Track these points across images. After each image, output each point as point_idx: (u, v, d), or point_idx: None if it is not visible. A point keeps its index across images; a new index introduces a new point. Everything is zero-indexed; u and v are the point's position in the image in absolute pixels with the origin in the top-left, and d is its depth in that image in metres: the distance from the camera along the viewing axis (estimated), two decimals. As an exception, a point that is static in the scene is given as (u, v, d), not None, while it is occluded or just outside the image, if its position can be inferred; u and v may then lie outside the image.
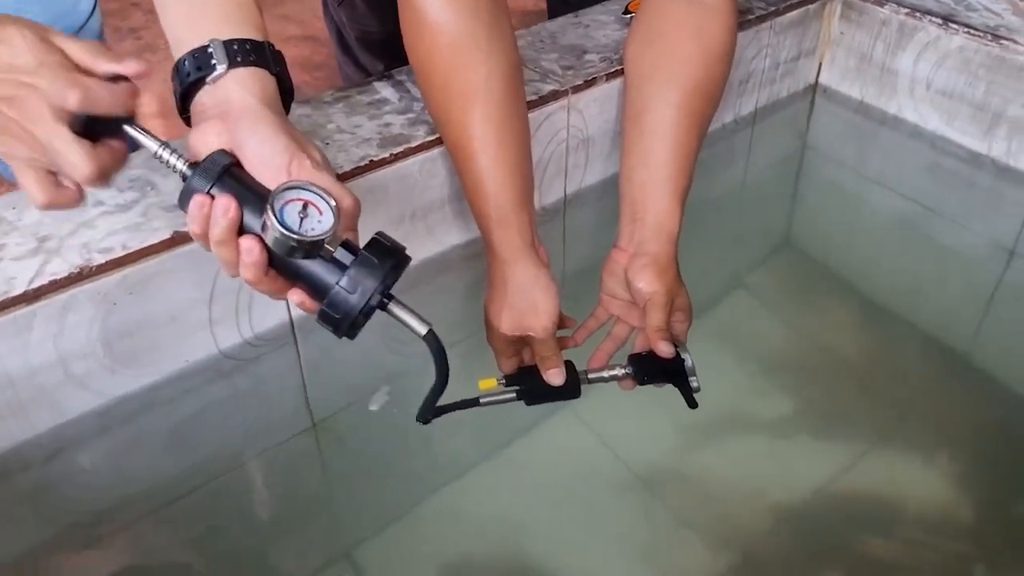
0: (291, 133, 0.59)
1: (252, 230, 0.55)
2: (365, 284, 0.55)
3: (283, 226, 0.53)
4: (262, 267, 0.56)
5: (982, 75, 1.10)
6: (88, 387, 0.74)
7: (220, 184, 0.55)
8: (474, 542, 0.76)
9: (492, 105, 0.76)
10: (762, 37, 1.14)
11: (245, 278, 0.56)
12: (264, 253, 0.55)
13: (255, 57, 0.60)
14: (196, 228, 0.56)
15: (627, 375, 0.74)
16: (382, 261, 0.56)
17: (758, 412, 0.87)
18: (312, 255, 0.55)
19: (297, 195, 0.54)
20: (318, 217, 0.54)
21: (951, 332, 0.97)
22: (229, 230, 0.55)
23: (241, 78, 0.59)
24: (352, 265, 0.55)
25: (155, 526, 0.75)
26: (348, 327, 0.56)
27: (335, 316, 0.55)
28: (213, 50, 0.59)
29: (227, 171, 0.55)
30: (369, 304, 0.55)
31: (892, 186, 1.17)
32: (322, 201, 0.55)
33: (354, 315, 0.55)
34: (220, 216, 0.54)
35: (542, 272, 0.74)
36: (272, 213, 0.53)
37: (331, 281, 0.55)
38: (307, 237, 0.54)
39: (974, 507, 0.80)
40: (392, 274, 0.56)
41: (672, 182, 0.79)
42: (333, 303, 0.55)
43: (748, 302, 1.02)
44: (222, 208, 0.54)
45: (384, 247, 0.57)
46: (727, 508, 0.78)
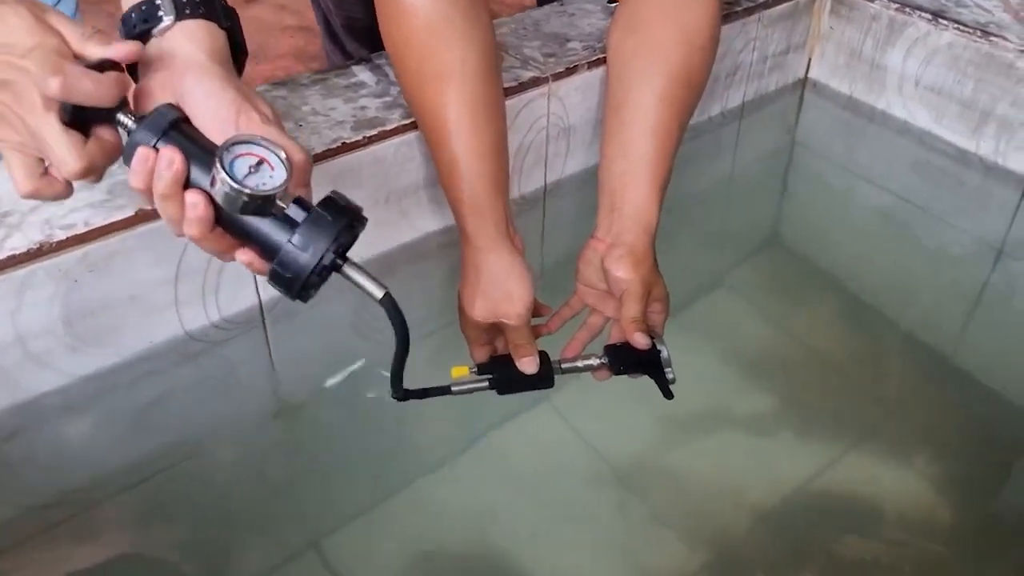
0: (239, 87, 0.57)
1: (199, 186, 0.53)
2: (317, 242, 0.53)
3: (233, 180, 0.51)
4: (208, 223, 0.54)
5: (971, 72, 1.09)
6: (48, 365, 0.73)
7: (166, 138, 0.53)
8: (446, 535, 0.75)
9: (467, 89, 0.75)
10: (750, 29, 1.13)
11: (190, 235, 0.54)
12: (211, 208, 0.53)
13: (204, 10, 0.58)
14: (138, 183, 0.54)
15: (602, 365, 0.74)
16: (336, 219, 0.54)
17: (739, 409, 0.86)
18: (263, 212, 0.53)
19: (247, 149, 0.52)
20: (269, 172, 0.52)
21: (936, 332, 0.96)
22: (173, 183, 0.53)
23: (189, 31, 0.58)
24: (304, 222, 0.53)
25: (116, 510, 0.74)
26: (300, 288, 0.54)
27: (286, 275, 0.53)
28: (160, 2, 0.57)
29: (174, 125, 0.53)
30: (321, 263, 0.53)
31: (880, 183, 1.17)
32: (273, 156, 0.53)
33: (305, 274, 0.53)
34: (164, 169, 0.52)
35: (516, 260, 0.73)
36: (221, 166, 0.51)
37: (282, 239, 0.53)
38: (258, 192, 0.52)
39: (954, 508, 0.79)
40: (346, 232, 0.54)
41: (651, 172, 0.79)
42: (283, 262, 0.53)
43: (732, 298, 1.01)
44: (166, 160, 0.52)
45: (338, 205, 0.55)
46: (705, 505, 0.78)
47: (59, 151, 0.52)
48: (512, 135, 0.91)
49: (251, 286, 0.82)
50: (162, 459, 0.77)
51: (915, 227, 1.11)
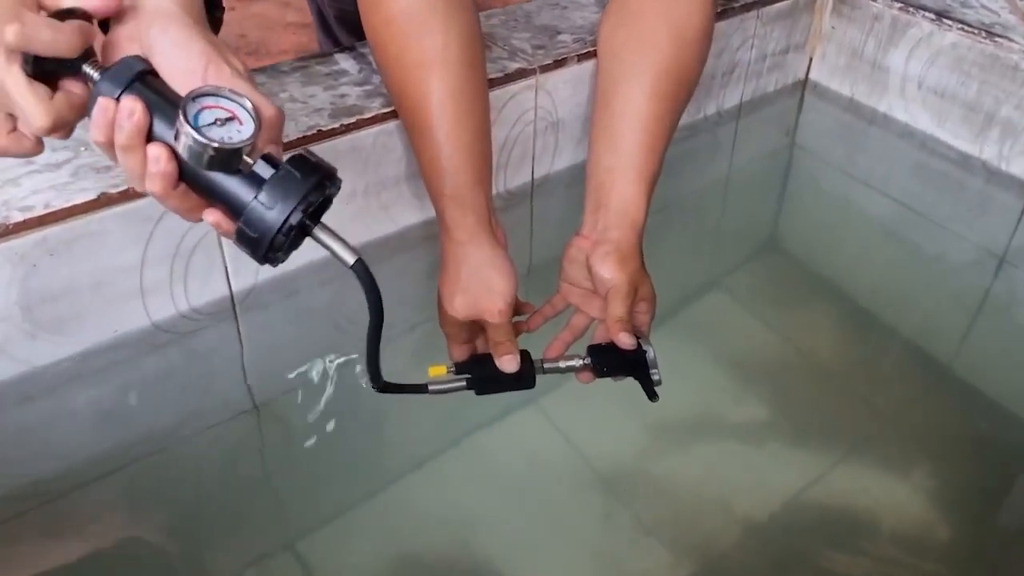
0: (209, 38, 0.55)
1: (163, 140, 0.51)
2: (285, 200, 0.50)
3: (197, 131, 0.49)
4: (171, 178, 0.51)
5: (975, 74, 1.08)
6: (6, 353, 0.71)
7: (130, 90, 0.51)
8: (427, 538, 0.74)
9: (449, 77, 0.74)
10: (748, 26, 1.12)
11: (152, 191, 0.52)
12: (174, 162, 0.51)
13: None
14: (99, 135, 0.51)
15: (585, 366, 0.72)
16: (305, 176, 0.51)
17: (730, 416, 0.85)
18: (229, 168, 0.51)
19: (214, 102, 0.50)
20: (237, 126, 0.50)
21: (935, 340, 0.95)
22: (135, 135, 0.51)
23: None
24: (271, 179, 0.51)
25: (78, 505, 0.72)
26: (267, 248, 0.51)
27: (252, 235, 0.51)
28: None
29: (139, 77, 0.51)
30: (288, 222, 0.51)
31: (880, 188, 1.16)
32: (241, 110, 0.51)
33: (272, 233, 0.50)
34: (125, 119, 0.50)
35: (498, 252, 0.72)
36: (185, 118, 0.49)
37: (248, 197, 0.51)
38: (224, 145, 0.49)
39: (950, 523, 0.77)
40: (316, 191, 0.52)
41: (639, 168, 0.77)
42: (249, 220, 0.51)
43: (726, 302, 1.00)
44: (127, 111, 0.50)
45: (309, 163, 0.52)
46: (692, 514, 0.76)
47: (24, 105, 0.50)
48: (498, 128, 0.89)
49: (222, 275, 0.81)
50: (127, 454, 0.75)
51: (915, 233, 1.09)
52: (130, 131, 0.50)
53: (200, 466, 0.78)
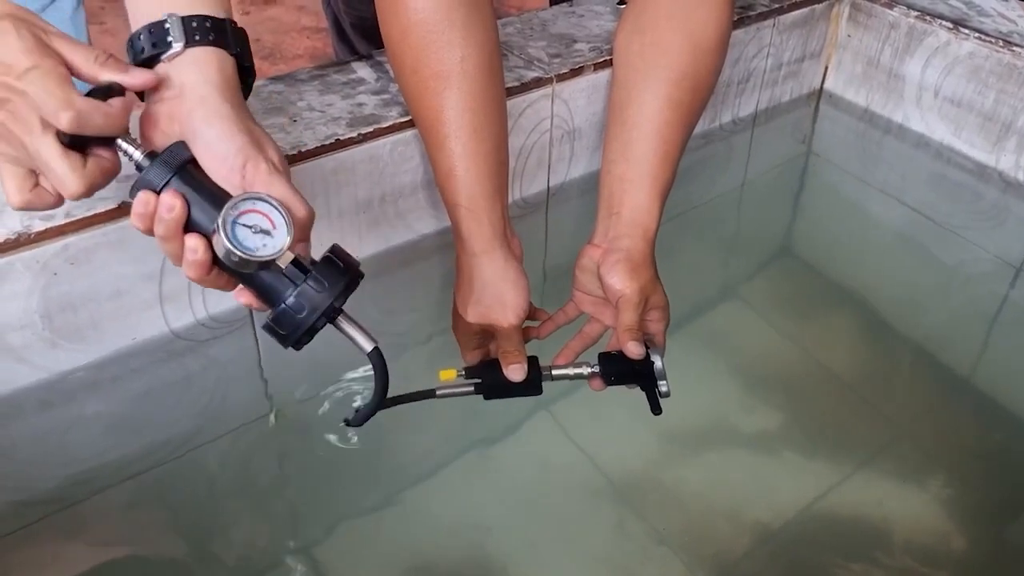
0: (248, 130, 0.57)
1: (201, 229, 0.54)
2: (313, 304, 0.55)
3: (234, 244, 0.52)
4: (206, 267, 0.55)
5: (992, 83, 1.07)
6: (27, 360, 0.72)
7: (175, 180, 0.54)
8: (439, 546, 0.74)
9: (467, 89, 0.74)
10: (764, 35, 1.11)
11: (188, 275, 0.55)
12: (209, 253, 0.54)
13: (214, 36, 0.57)
14: (139, 224, 0.55)
15: (594, 374, 0.72)
16: (332, 283, 0.55)
17: (744, 425, 0.84)
18: (262, 269, 0.55)
19: (251, 206, 0.54)
20: (271, 231, 0.54)
21: (951, 351, 0.94)
22: (173, 228, 0.54)
23: (198, 59, 0.57)
24: (302, 284, 0.55)
25: (96, 510, 0.73)
26: (293, 344, 0.56)
27: (281, 332, 0.55)
28: (170, 26, 0.56)
29: (182, 167, 0.54)
30: (315, 326, 0.55)
31: (896, 197, 1.15)
32: (277, 214, 0.54)
33: (299, 334, 0.55)
34: (164, 214, 0.53)
35: (512, 265, 0.72)
36: (223, 228, 0.52)
37: (279, 295, 0.55)
38: (257, 257, 0.53)
39: (965, 535, 0.77)
40: (342, 296, 0.56)
41: (652, 177, 0.77)
42: (279, 320, 0.55)
43: (741, 310, 0.99)
44: (167, 207, 0.53)
45: (336, 267, 0.56)
46: (705, 524, 0.76)
47: (59, 172, 0.52)
48: (514, 137, 0.90)
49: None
50: (144, 460, 0.75)
51: (931, 243, 1.08)
52: (168, 225, 0.54)
53: (217, 472, 0.78)
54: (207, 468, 0.78)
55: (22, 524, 0.70)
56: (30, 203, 0.55)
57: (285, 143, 0.78)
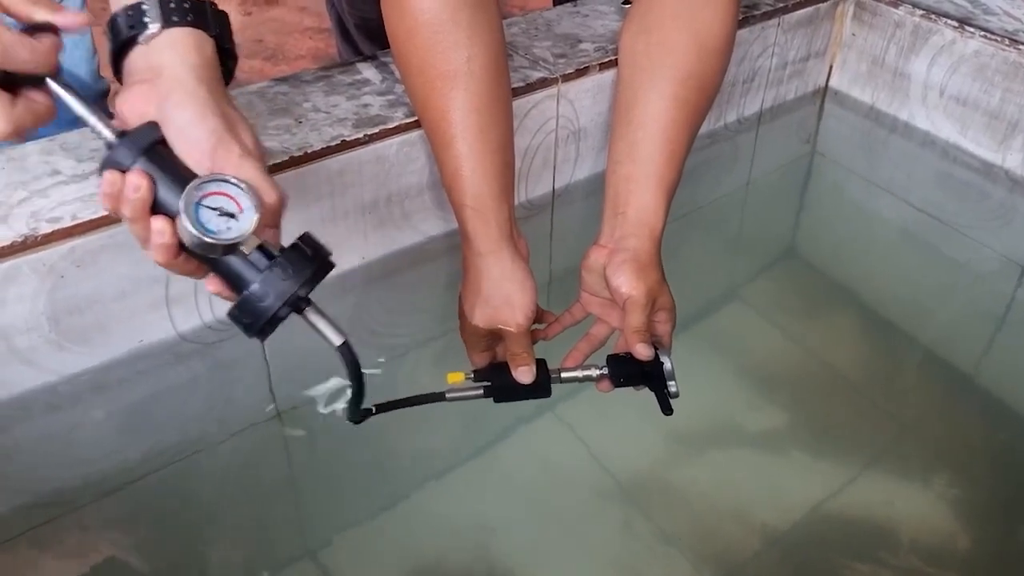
0: (222, 113, 0.55)
1: (169, 211, 0.53)
2: (277, 292, 0.53)
3: (196, 226, 0.51)
4: (172, 250, 0.53)
5: (998, 82, 1.06)
6: (33, 363, 0.72)
7: (143, 160, 0.52)
8: (446, 547, 0.74)
9: (473, 89, 0.74)
10: (768, 34, 1.11)
11: (155, 259, 0.54)
12: (176, 236, 0.53)
13: (193, 17, 0.57)
14: (107, 204, 0.53)
15: (602, 376, 0.72)
16: (298, 270, 0.53)
17: (750, 426, 0.84)
18: (227, 253, 0.53)
19: (217, 188, 0.52)
20: (237, 214, 0.52)
21: (957, 350, 0.94)
22: (139, 208, 0.52)
23: (175, 40, 0.56)
24: (266, 270, 0.53)
25: (102, 513, 0.72)
26: (257, 332, 0.54)
27: (243, 319, 0.54)
28: (147, 7, 0.55)
29: (152, 147, 0.53)
30: (278, 315, 0.54)
31: (901, 196, 1.15)
32: (244, 197, 0.53)
33: (261, 323, 0.54)
34: (130, 193, 0.52)
35: (519, 266, 0.72)
36: (184, 210, 0.51)
37: (244, 282, 0.53)
38: (220, 240, 0.52)
39: (972, 535, 0.77)
40: (307, 285, 0.54)
41: (658, 176, 0.76)
42: (242, 307, 0.53)
43: (746, 311, 0.99)
44: (132, 186, 0.52)
45: (304, 254, 0.54)
46: (712, 525, 0.76)
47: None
48: (519, 137, 0.89)
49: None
50: (151, 462, 0.75)
51: (937, 242, 1.08)
52: (135, 205, 0.52)
53: (223, 474, 0.78)
54: (213, 471, 0.78)
55: (29, 526, 0.70)
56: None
57: (291, 144, 0.78)
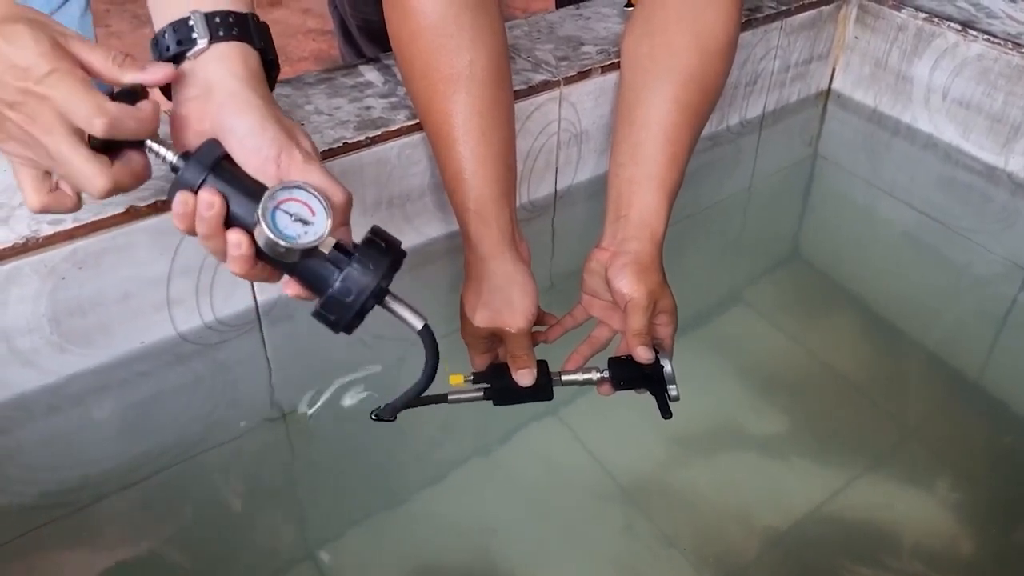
0: (279, 120, 0.57)
1: (242, 223, 0.54)
2: (360, 286, 0.54)
3: (275, 232, 0.52)
4: (250, 260, 0.55)
5: (1001, 85, 1.06)
6: (34, 364, 0.72)
7: (211, 178, 0.54)
8: (446, 548, 0.74)
9: (476, 93, 0.73)
10: (771, 37, 1.11)
11: (234, 271, 0.55)
12: (252, 247, 0.54)
13: (238, 31, 0.57)
14: (180, 225, 0.54)
15: (603, 379, 0.71)
16: (377, 263, 0.55)
17: (752, 428, 0.84)
18: (305, 256, 0.55)
19: (289, 195, 0.53)
20: (311, 219, 0.54)
21: (960, 354, 0.94)
22: (215, 226, 0.54)
23: (223, 54, 0.57)
24: (347, 267, 0.55)
25: (103, 514, 0.72)
26: (344, 328, 0.56)
27: (330, 317, 0.55)
28: (194, 23, 0.56)
29: (218, 163, 0.54)
30: (364, 307, 0.55)
31: (904, 199, 1.14)
32: (315, 201, 0.54)
33: (349, 318, 0.55)
34: (204, 212, 0.53)
35: (520, 268, 0.72)
36: (263, 218, 0.52)
37: (325, 281, 0.55)
38: (299, 245, 0.53)
39: (975, 538, 0.76)
40: (387, 276, 0.56)
41: (660, 179, 0.76)
42: (327, 306, 0.55)
43: (748, 313, 0.99)
44: (206, 204, 0.53)
45: (379, 246, 0.56)
46: (713, 527, 0.76)
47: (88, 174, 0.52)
48: (522, 139, 0.89)
49: (247, 287, 0.81)
50: (152, 464, 0.75)
51: (939, 245, 1.08)
52: (209, 222, 0.53)
53: (225, 475, 0.78)
54: (215, 472, 0.78)
55: (29, 528, 0.70)
56: (48, 206, 0.55)
57: (293, 146, 0.78)
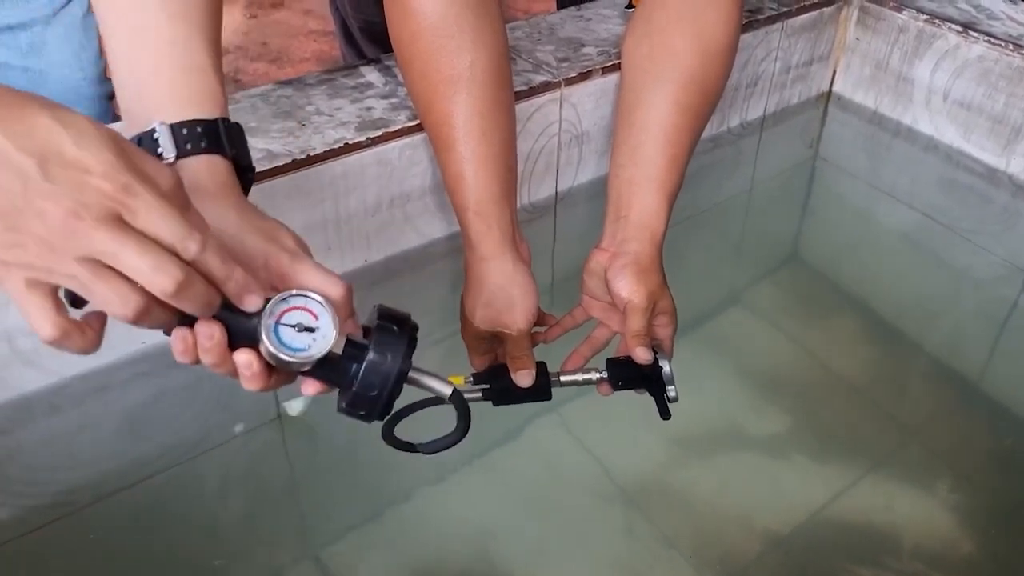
0: (257, 228, 0.53)
1: (245, 341, 0.50)
2: (382, 377, 0.52)
3: (281, 349, 0.49)
4: (264, 377, 0.51)
5: (1002, 86, 1.06)
6: (36, 364, 0.72)
7: None
8: (447, 549, 0.74)
9: (476, 93, 0.73)
10: (772, 39, 1.11)
11: (250, 389, 0.52)
12: (262, 363, 0.51)
13: (207, 143, 0.55)
14: (185, 360, 0.50)
15: (602, 379, 0.71)
16: (394, 350, 0.52)
17: (753, 430, 0.84)
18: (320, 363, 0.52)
19: (287, 305, 0.50)
20: (315, 323, 0.51)
21: (960, 355, 0.94)
22: (219, 354, 0.50)
23: (192, 170, 0.54)
24: (365, 362, 0.52)
25: (104, 515, 0.72)
26: (377, 417, 0.54)
27: (360, 413, 0.53)
28: (159, 136, 0.54)
29: None
30: (392, 395, 0.53)
31: (905, 201, 1.14)
32: (314, 304, 0.51)
33: (379, 409, 0.53)
34: (206, 343, 0.49)
35: (520, 269, 0.72)
36: (267, 339, 0.49)
37: (345, 378, 0.52)
38: (310, 357, 0.50)
39: (975, 540, 0.76)
40: (406, 359, 0.53)
41: (660, 180, 0.76)
42: (355, 403, 0.53)
43: (748, 315, 0.99)
44: (205, 335, 0.49)
45: (391, 330, 0.53)
46: (713, 528, 0.76)
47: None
48: (522, 141, 0.89)
49: (248, 289, 0.81)
50: (153, 464, 0.75)
51: (940, 247, 1.08)
52: (214, 351, 0.50)
53: (225, 476, 0.78)
54: (215, 472, 0.78)
55: (30, 528, 0.70)
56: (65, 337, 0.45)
57: (294, 147, 0.78)
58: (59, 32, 0.96)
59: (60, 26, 0.96)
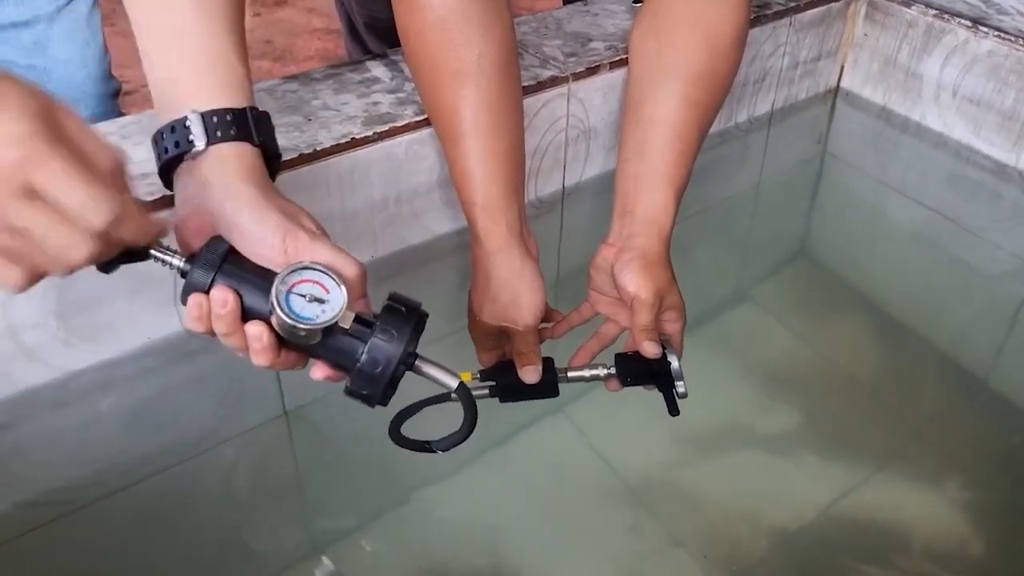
0: (279, 207, 0.55)
1: (260, 314, 0.52)
2: (387, 356, 0.53)
3: (291, 316, 0.51)
4: (274, 350, 0.53)
5: (1012, 82, 1.06)
6: (41, 360, 0.72)
7: (220, 275, 0.52)
8: (454, 547, 0.74)
9: (485, 87, 0.73)
10: (780, 34, 1.10)
11: (258, 363, 0.54)
12: (273, 336, 0.53)
13: (236, 130, 0.56)
14: (198, 327, 0.53)
15: (609, 375, 0.71)
16: (400, 329, 0.54)
17: (760, 427, 0.84)
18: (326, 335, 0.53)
19: (300, 276, 0.52)
20: (325, 296, 0.52)
21: (970, 352, 0.94)
22: (232, 323, 0.52)
23: (222, 156, 0.56)
24: (370, 339, 0.53)
25: (110, 511, 0.72)
26: (379, 399, 0.55)
27: (363, 392, 0.54)
28: (191, 124, 0.55)
29: (225, 259, 0.53)
30: (395, 376, 0.54)
31: (914, 197, 1.14)
32: (326, 278, 0.53)
33: (382, 389, 0.54)
34: (219, 310, 0.52)
35: (528, 264, 0.72)
36: (278, 304, 0.51)
37: (351, 357, 0.53)
38: (318, 324, 0.52)
39: (984, 539, 0.76)
40: (413, 341, 0.55)
41: (667, 175, 0.76)
42: (357, 381, 0.54)
43: (756, 312, 0.99)
44: (219, 303, 0.52)
45: (399, 312, 0.55)
46: (721, 527, 0.76)
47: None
48: (530, 136, 0.89)
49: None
50: (159, 460, 0.75)
51: (950, 243, 1.08)
52: (226, 319, 0.52)
53: (231, 472, 0.78)
54: (222, 468, 0.78)
55: (35, 524, 0.70)
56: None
57: (300, 142, 0.78)
58: (63, 30, 0.96)
59: (64, 24, 0.96)
